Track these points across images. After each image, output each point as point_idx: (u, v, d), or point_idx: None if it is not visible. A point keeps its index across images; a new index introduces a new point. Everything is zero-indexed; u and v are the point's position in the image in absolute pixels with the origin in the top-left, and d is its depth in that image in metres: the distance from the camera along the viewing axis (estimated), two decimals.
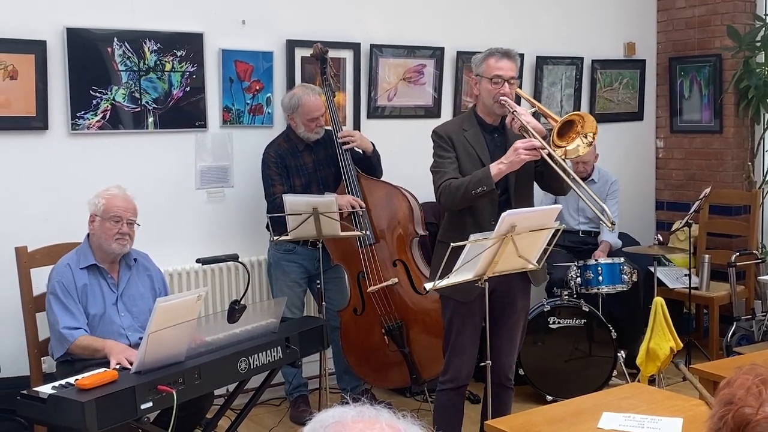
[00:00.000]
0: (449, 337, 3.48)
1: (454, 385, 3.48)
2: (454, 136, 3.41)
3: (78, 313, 3.27)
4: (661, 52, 6.18)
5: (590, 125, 3.25)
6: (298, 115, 4.33)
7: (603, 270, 4.72)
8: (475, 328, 3.46)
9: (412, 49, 5.09)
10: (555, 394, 4.52)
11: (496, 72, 3.35)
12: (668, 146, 6.23)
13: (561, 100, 5.75)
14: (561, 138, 3.24)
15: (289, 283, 4.38)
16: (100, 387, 2.76)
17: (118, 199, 3.38)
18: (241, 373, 3.21)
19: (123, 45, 4.18)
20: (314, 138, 4.37)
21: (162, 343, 2.88)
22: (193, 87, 4.40)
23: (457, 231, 3.34)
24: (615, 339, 4.59)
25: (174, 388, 2.86)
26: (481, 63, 3.41)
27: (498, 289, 3.35)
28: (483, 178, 3.26)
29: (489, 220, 3.33)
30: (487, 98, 3.39)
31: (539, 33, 5.62)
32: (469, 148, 3.40)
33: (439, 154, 3.43)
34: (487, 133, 3.45)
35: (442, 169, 3.38)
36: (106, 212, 3.34)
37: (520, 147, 3.24)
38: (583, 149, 3.24)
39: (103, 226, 3.35)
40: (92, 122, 4.13)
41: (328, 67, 4.42)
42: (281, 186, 4.29)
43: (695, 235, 5.52)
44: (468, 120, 3.48)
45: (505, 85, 3.35)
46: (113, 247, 3.37)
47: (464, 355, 3.46)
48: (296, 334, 3.44)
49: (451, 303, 3.46)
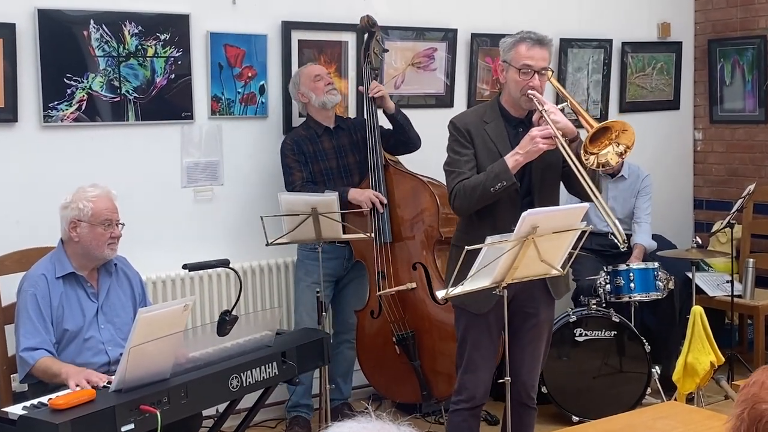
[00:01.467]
0: (463, 351, 3.48)
1: (470, 405, 3.48)
2: (473, 129, 3.39)
3: (44, 330, 3.26)
4: (699, 33, 6.16)
5: (628, 137, 3.24)
6: (302, 85, 4.47)
7: (635, 276, 4.72)
8: (492, 341, 3.45)
9: (422, 31, 5.09)
10: (582, 414, 4.52)
11: (526, 61, 3.32)
12: (708, 138, 6.22)
13: (588, 87, 5.75)
14: (593, 144, 3.23)
15: (311, 284, 4.42)
16: (76, 407, 2.76)
17: (104, 201, 3.38)
18: (233, 392, 3.21)
19: (100, 28, 4.18)
20: (332, 101, 4.47)
21: (145, 359, 2.88)
22: (178, 74, 4.40)
23: (475, 235, 3.31)
24: (649, 353, 4.58)
25: (158, 408, 2.86)
26: (510, 49, 3.37)
27: (518, 298, 3.34)
28: (500, 172, 3.25)
29: (510, 224, 3.25)
30: (514, 90, 3.37)
31: (563, 12, 5.61)
32: (490, 144, 3.38)
33: (455, 150, 3.41)
34: (512, 126, 3.43)
35: (457, 169, 3.36)
36: (95, 217, 3.34)
37: (537, 135, 3.23)
38: (612, 158, 3.24)
39: (94, 232, 3.35)
40: (66, 114, 4.14)
41: (373, 42, 4.51)
42: (300, 173, 4.39)
43: (738, 237, 5.51)
44: (491, 110, 3.46)
45: (535, 76, 3.32)
46: (105, 253, 3.39)
47: (480, 372, 3.46)
48: (294, 348, 3.44)
49: (465, 314, 3.46)
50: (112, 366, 3.27)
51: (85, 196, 3.37)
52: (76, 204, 3.35)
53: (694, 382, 3.78)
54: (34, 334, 3.25)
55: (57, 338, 3.32)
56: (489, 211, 3.36)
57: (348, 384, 4.69)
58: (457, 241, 3.49)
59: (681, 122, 6.23)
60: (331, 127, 4.53)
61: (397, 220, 4.46)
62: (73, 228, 3.35)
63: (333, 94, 4.48)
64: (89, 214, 3.34)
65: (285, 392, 4.51)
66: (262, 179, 4.67)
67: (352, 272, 4.60)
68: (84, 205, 3.34)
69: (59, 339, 3.32)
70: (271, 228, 4.10)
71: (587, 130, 3.27)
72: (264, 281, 4.71)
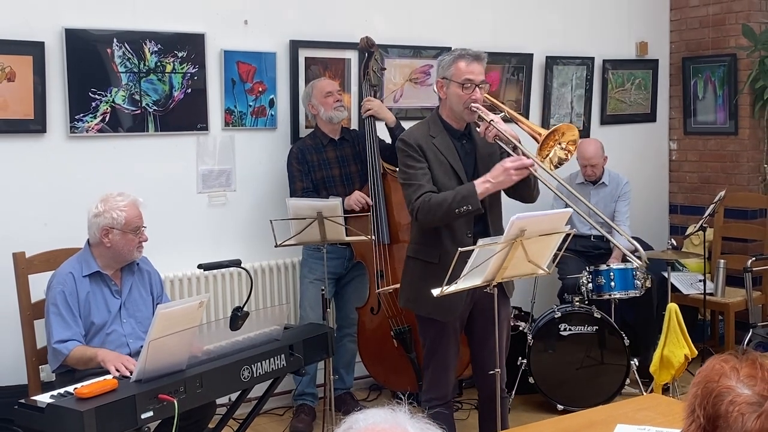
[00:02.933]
0: (432, 356, 3.43)
1: (443, 401, 3.44)
2: (423, 144, 3.31)
3: (74, 324, 3.28)
4: (675, 51, 6.17)
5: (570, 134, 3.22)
6: (314, 97, 4.48)
7: (615, 275, 4.72)
8: (457, 342, 3.44)
9: (419, 49, 5.10)
10: (566, 402, 4.51)
11: (467, 76, 3.27)
12: (682, 148, 6.22)
13: (571, 101, 5.75)
14: (542, 149, 3.22)
15: (314, 281, 4.43)
16: (100, 396, 2.76)
17: (134, 209, 3.41)
18: (244, 382, 3.21)
19: (123, 46, 4.19)
20: (338, 116, 4.48)
21: (163, 351, 2.89)
22: (194, 89, 4.41)
23: (432, 245, 3.31)
24: (628, 346, 4.58)
25: (175, 397, 2.87)
26: (450, 66, 3.31)
27: (479, 302, 3.33)
28: (468, 195, 3.17)
29: (465, 232, 3.29)
30: (456, 104, 3.31)
31: (549, 32, 5.62)
32: (440, 157, 3.31)
33: (409, 165, 3.31)
34: (456, 139, 3.37)
35: (416, 182, 3.28)
36: (127, 225, 3.37)
37: (511, 167, 3.17)
38: (562, 154, 3.22)
39: (126, 239, 3.38)
40: (91, 125, 4.14)
41: (372, 61, 4.52)
42: (301, 183, 4.41)
43: (710, 240, 5.50)
44: (434, 125, 3.38)
45: (476, 90, 3.28)
46: (135, 255, 3.44)
47: (449, 372, 3.43)
48: (300, 342, 3.44)
49: (433, 324, 3.38)
50: (133, 357, 3.27)
51: (117, 206, 3.37)
52: (110, 213, 3.36)
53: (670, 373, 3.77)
54: (66, 328, 3.26)
55: (84, 331, 3.32)
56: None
57: (350, 374, 4.69)
58: (415, 253, 3.42)
59: (657, 133, 6.23)
60: (336, 139, 4.53)
61: (394, 224, 4.47)
62: (105, 234, 3.36)
63: (340, 110, 4.48)
64: (122, 223, 3.35)
65: (292, 382, 4.51)
66: (271, 186, 4.67)
67: (352, 271, 4.60)
68: (117, 214, 3.36)
69: (86, 332, 3.33)
70: (280, 231, 4.10)
71: (532, 135, 3.25)
72: (273, 280, 4.71)
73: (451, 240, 3.26)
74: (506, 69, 5.43)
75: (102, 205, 3.39)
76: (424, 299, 3.24)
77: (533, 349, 4.55)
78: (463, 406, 4.58)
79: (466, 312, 3.39)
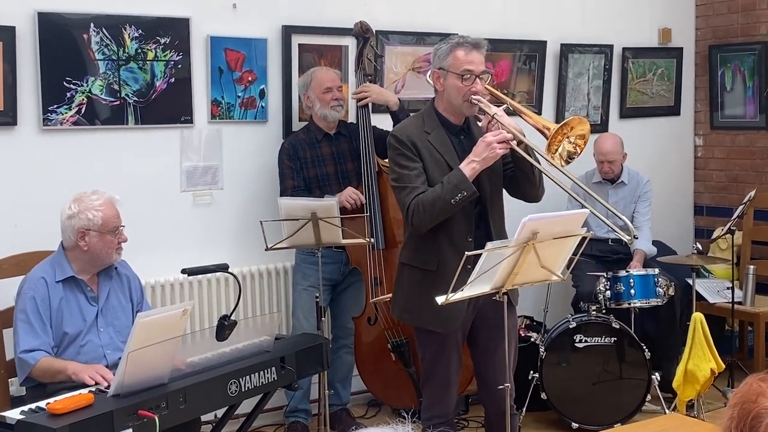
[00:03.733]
0: (432, 371, 3.42)
1: (445, 419, 3.43)
2: (417, 141, 3.30)
3: (42, 333, 3.27)
4: (700, 39, 6.17)
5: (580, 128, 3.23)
6: (312, 90, 4.46)
7: (635, 282, 4.72)
8: (459, 356, 3.43)
9: (422, 36, 5.10)
10: (581, 420, 4.52)
11: (467, 66, 3.26)
12: (708, 144, 6.22)
13: (588, 93, 5.75)
14: (549, 147, 3.22)
15: (307, 288, 4.43)
16: (74, 412, 2.76)
17: (110, 207, 3.40)
18: (231, 397, 3.21)
19: (100, 31, 4.19)
20: (333, 116, 4.47)
21: (143, 363, 2.89)
22: (178, 78, 4.41)
23: (429, 252, 3.29)
24: (649, 359, 4.58)
25: (156, 413, 2.86)
26: (447, 55, 3.29)
27: (482, 311, 3.33)
28: (459, 182, 3.16)
29: (466, 236, 3.28)
30: (455, 97, 3.30)
31: (564, 18, 5.62)
32: (436, 154, 3.30)
33: (402, 164, 3.29)
34: (453, 134, 3.36)
35: (410, 184, 3.26)
36: (105, 226, 3.36)
37: (493, 140, 3.16)
38: (571, 148, 3.23)
39: (104, 240, 3.37)
40: (66, 117, 4.14)
41: (367, 48, 4.51)
42: (291, 181, 4.40)
43: (738, 244, 5.51)
44: (429, 120, 3.37)
45: (476, 81, 3.27)
46: (114, 258, 3.44)
47: (451, 388, 3.43)
48: (293, 354, 3.44)
49: (431, 336, 3.37)
50: (111, 370, 3.27)
51: (92, 205, 3.37)
52: (85, 214, 3.35)
53: (695, 389, 3.79)
54: (33, 337, 3.26)
55: (56, 341, 3.32)
56: (442, 224, 3.26)
57: (347, 389, 4.69)
58: (410, 260, 3.40)
59: (681, 128, 6.24)
60: (332, 133, 4.52)
61: (390, 227, 4.44)
62: (81, 237, 3.36)
63: (337, 110, 4.46)
64: (99, 224, 3.35)
65: (283, 398, 4.51)
66: (261, 184, 4.67)
67: (349, 277, 4.59)
68: (93, 215, 3.35)
69: (59, 342, 3.33)
70: (271, 233, 4.09)
71: (539, 130, 3.25)
72: (263, 286, 4.71)
73: (450, 245, 3.25)
74: (517, 58, 5.43)
75: (76, 205, 3.38)
76: (421, 309, 3.24)
77: (546, 362, 4.55)
78: (469, 424, 4.58)
79: (469, 322, 3.37)
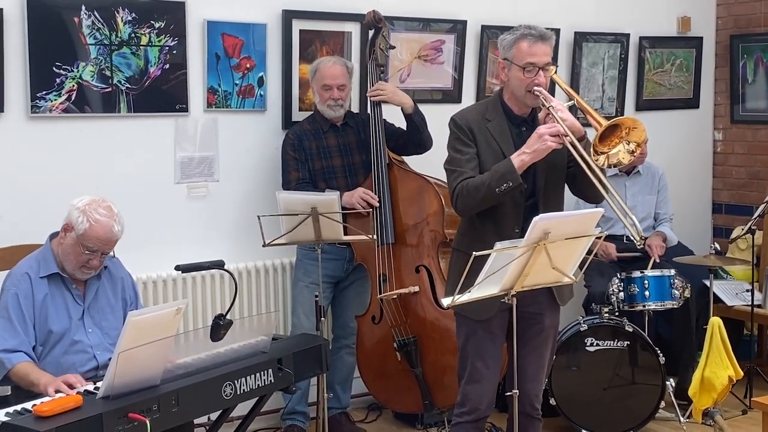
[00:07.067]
0: (465, 361, 3.48)
1: (473, 417, 3.48)
2: (475, 127, 3.40)
3: (23, 331, 3.26)
4: (721, 28, 6.16)
5: (638, 135, 3.25)
6: (314, 82, 4.49)
7: (650, 284, 4.72)
8: (496, 349, 3.47)
9: (429, 23, 5.09)
10: (592, 428, 4.52)
11: (529, 59, 3.33)
12: (728, 139, 6.22)
13: (603, 84, 5.75)
14: (602, 143, 3.24)
15: (309, 285, 4.43)
16: (62, 414, 2.75)
17: (102, 229, 3.32)
18: (226, 400, 3.21)
19: (92, 14, 4.18)
20: (330, 114, 4.46)
21: (134, 364, 2.88)
22: (172, 64, 4.40)
23: (476, 238, 3.34)
24: (663, 365, 4.58)
25: (148, 416, 2.86)
26: (511, 47, 3.38)
27: (522, 303, 3.33)
28: (506, 172, 3.24)
29: (513, 227, 3.34)
30: (517, 88, 3.38)
31: (578, 4, 5.62)
32: (492, 142, 3.39)
33: (456, 148, 3.41)
34: (515, 125, 3.44)
35: (459, 168, 3.36)
36: (83, 237, 3.31)
37: (546, 133, 3.24)
38: (624, 157, 3.25)
39: (74, 248, 3.34)
40: (55, 104, 4.14)
41: (379, 38, 4.51)
42: (296, 172, 4.41)
43: (759, 244, 5.50)
44: (493, 108, 3.47)
45: (539, 73, 3.34)
46: (74, 273, 3.38)
47: (484, 382, 3.46)
48: (290, 355, 3.44)
49: (465, 321, 3.46)
50: (101, 371, 3.28)
51: (92, 215, 3.30)
52: (80, 213, 3.31)
53: (711, 397, 3.79)
54: (13, 335, 3.25)
55: (41, 340, 3.32)
56: (491, 213, 3.36)
57: (347, 392, 4.70)
58: (459, 245, 3.50)
59: (700, 122, 6.23)
60: (339, 125, 4.52)
61: (400, 221, 4.46)
62: (65, 231, 3.36)
63: (333, 109, 4.45)
64: (81, 231, 3.31)
65: (280, 400, 4.52)
66: (259, 176, 4.67)
67: (353, 275, 4.60)
68: (83, 220, 3.30)
69: (44, 341, 3.33)
70: (269, 228, 4.09)
71: (595, 128, 3.27)
72: (260, 284, 4.71)
73: (496, 234, 3.27)
74: None
75: (84, 202, 3.35)
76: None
77: (555, 367, 4.54)
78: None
79: (507, 315, 3.34)
